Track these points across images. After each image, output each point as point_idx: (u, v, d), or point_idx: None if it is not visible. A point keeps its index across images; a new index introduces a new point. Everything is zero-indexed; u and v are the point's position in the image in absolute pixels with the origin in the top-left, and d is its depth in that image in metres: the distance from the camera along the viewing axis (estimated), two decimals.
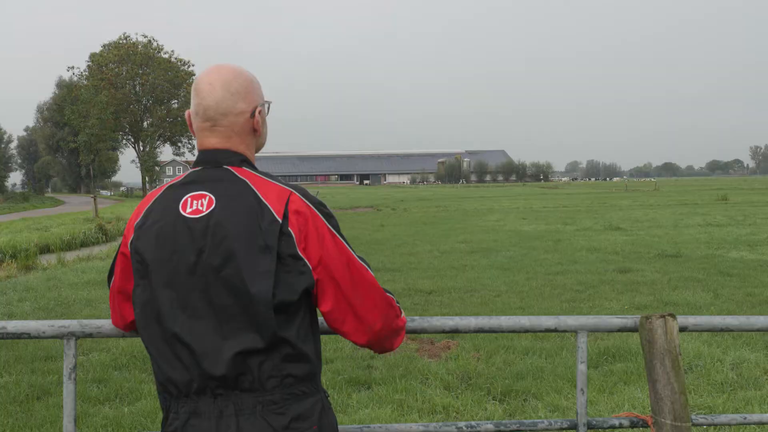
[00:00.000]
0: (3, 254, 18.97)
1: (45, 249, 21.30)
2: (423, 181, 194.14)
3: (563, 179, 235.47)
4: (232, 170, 2.07)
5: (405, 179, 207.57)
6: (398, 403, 5.87)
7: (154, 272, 2.02)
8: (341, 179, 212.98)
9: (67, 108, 73.23)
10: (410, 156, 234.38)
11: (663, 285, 11.46)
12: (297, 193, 2.03)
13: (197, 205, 2.02)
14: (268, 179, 2.07)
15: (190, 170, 2.15)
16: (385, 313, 2.15)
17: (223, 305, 1.95)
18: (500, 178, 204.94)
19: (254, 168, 2.13)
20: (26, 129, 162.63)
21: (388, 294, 2.18)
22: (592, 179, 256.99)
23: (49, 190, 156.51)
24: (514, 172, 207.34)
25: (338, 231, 2.08)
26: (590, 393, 5.99)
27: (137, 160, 79.61)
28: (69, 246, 22.56)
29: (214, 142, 2.11)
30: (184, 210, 2.02)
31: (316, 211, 2.03)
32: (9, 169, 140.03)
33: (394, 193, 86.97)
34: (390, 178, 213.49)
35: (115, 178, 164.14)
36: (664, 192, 65.38)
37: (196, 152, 2.08)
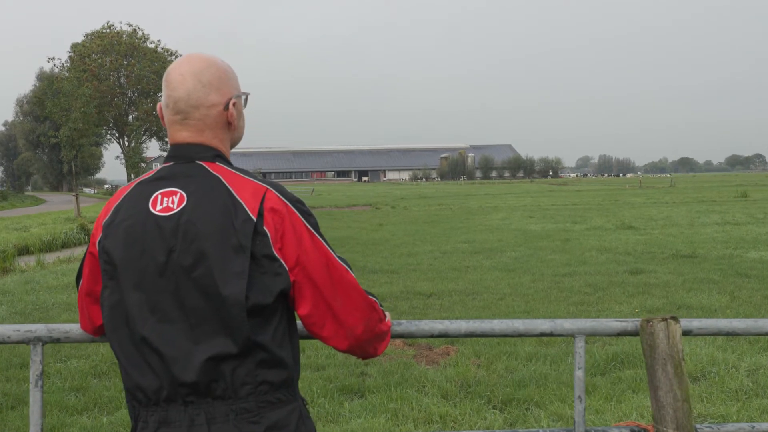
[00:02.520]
0: None
1: (24, 250, 21.32)
2: (423, 178, 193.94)
3: (573, 175, 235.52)
4: (205, 166, 2.07)
5: (406, 176, 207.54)
6: (393, 412, 5.87)
7: (123, 273, 2.02)
8: (338, 176, 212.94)
9: (48, 101, 73.00)
10: (411, 151, 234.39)
11: (677, 287, 11.47)
12: (273, 190, 2.03)
13: (168, 202, 2.02)
14: (242, 175, 2.07)
15: (162, 165, 2.15)
16: (367, 316, 2.15)
17: (194, 308, 1.95)
18: (507, 174, 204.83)
19: (229, 163, 2.14)
20: (5, 123, 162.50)
21: (370, 296, 2.19)
22: (605, 175, 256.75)
23: (30, 188, 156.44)
24: (521, 168, 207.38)
25: (317, 230, 2.08)
26: (596, 401, 5.99)
27: (122, 156, 79.43)
28: (49, 247, 22.57)
29: (185, 136, 2.11)
30: (154, 207, 2.03)
31: (293, 208, 2.03)
32: None
33: (395, 190, 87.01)
34: (390, 175, 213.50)
35: (99, 175, 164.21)
36: (680, 189, 65.39)
37: None
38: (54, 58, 75.84)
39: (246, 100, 2.25)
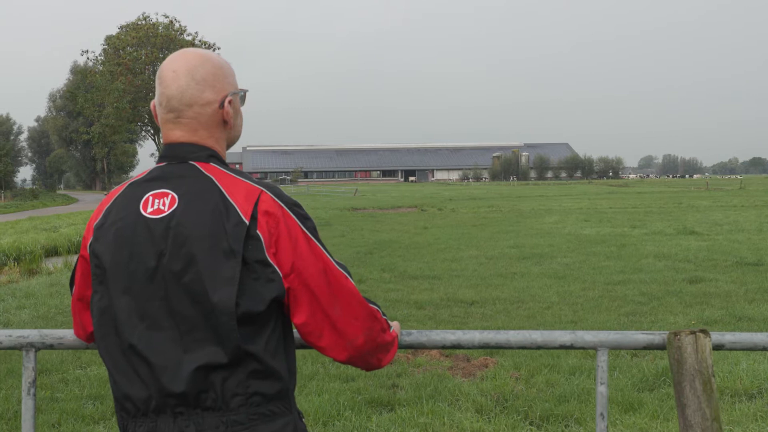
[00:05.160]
0: (6, 257, 19.42)
1: (52, 251, 21.79)
2: (468, 179, 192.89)
3: (634, 176, 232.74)
4: (198, 166, 2.10)
5: (455, 175, 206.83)
6: (423, 427, 5.87)
7: (112, 278, 2.06)
8: (384, 175, 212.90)
9: (79, 96, 74.29)
10: (461, 150, 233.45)
11: (738, 297, 11.28)
12: (268, 192, 2.05)
13: (159, 204, 2.05)
14: (237, 176, 2.09)
15: (154, 166, 2.19)
16: (368, 326, 2.16)
17: (183, 315, 1.98)
18: (563, 174, 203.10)
19: (224, 164, 2.16)
20: (37, 119, 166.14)
21: (371, 305, 2.20)
22: (669, 176, 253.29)
23: (62, 186, 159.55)
24: (578, 168, 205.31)
25: (315, 234, 2.09)
26: (641, 419, 5.93)
27: (157, 153, 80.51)
28: (78, 248, 22.94)
29: (178, 135, 2.14)
30: (145, 209, 2.06)
31: (289, 212, 2.05)
32: (18, 164, 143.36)
33: (443, 191, 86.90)
34: (438, 175, 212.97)
35: (134, 173, 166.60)
36: (750, 191, 64.24)
37: None
38: (88, 51, 77.05)
39: (244, 97, 2.28)
